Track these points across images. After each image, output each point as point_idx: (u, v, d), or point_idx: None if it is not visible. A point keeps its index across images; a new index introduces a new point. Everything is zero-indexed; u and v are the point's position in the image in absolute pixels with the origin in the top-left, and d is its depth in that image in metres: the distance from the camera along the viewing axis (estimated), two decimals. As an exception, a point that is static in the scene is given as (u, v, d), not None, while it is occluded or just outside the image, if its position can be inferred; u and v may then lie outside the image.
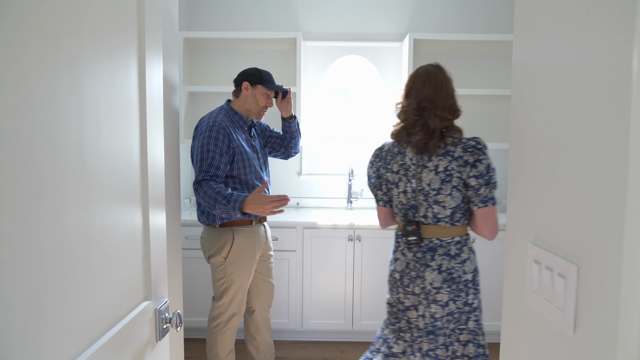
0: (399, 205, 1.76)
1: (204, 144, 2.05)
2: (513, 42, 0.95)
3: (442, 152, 1.64)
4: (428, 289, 1.68)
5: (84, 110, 0.76)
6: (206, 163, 2.02)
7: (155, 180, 1.09)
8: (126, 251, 0.95)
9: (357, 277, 2.90)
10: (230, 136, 2.09)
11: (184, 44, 3.10)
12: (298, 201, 3.40)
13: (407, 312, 1.74)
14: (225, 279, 2.17)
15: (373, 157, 1.83)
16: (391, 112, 3.35)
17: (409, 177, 1.70)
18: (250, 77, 2.18)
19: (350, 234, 2.87)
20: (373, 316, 2.92)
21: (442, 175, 1.64)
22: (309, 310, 2.92)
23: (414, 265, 1.71)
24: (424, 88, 1.69)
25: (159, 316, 1.11)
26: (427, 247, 1.69)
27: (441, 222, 1.68)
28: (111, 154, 0.87)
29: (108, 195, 0.85)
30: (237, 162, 2.12)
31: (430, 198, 1.67)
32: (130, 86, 0.95)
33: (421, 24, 3.29)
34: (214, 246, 2.16)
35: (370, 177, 1.84)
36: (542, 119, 0.83)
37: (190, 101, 3.27)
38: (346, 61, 3.42)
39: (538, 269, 0.82)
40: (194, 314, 2.93)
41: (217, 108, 2.23)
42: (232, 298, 2.18)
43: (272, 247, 2.43)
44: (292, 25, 3.30)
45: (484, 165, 1.60)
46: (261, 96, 2.20)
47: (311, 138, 3.43)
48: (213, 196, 1.96)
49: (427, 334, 1.72)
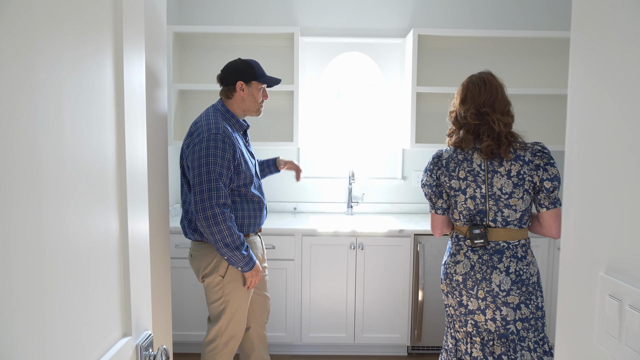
0: (464, 212, 1.76)
1: (209, 155, 1.80)
2: (571, 37, 0.78)
3: (513, 156, 1.68)
4: (496, 291, 1.71)
5: (39, 106, 0.62)
6: (214, 182, 1.80)
7: (136, 185, 0.93)
8: (97, 274, 0.78)
9: (359, 287, 2.73)
10: (235, 145, 1.88)
11: (173, 39, 2.91)
12: (295, 206, 3.23)
13: (472, 316, 1.76)
14: (223, 299, 1.95)
15: (431, 166, 1.81)
16: (393, 112, 3.19)
17: (479, 182, 1.72)
18: (243, 74, 1.96)
19: (352, 241, 2.69)
20: (376, 329, 2.74)
21: (514, 179, 1.68)
22: (308, 322, 2.74)
23: (480, 267, 1.73)
24: (480, 94, 1.72)
25: (141, 353, 0.93)
26: (493, 249, 1.72)
27: (510, 225, 1.72)
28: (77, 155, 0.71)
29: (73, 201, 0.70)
30: (239, 174, 1.91)
31: (501, 202, 1.71)
32: (103, 81, 0.81)
33: (426, 19, 3.13)
34: (209, 264, 1.94)
35: (431, 185, 1.81)
36: (618, 119, 0.66)
37: (181, 100, 3.08)
38: (346, 58, 3.25)
39: (618, 308, 0.65)
40: (185, 328, 2.74)
41: (211, 109, 1.99)
42: (231, 319, 1.97)
43: (266, 258, 2.25)
44: (289, 19, 3.12)
45: (556, 168, 1.68)
46: (258, 92, 2.00)
47: (309, 139, 3.26)
48: (234, 239, 1.83)
49: (499, 337, 1.73)
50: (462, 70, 3.11)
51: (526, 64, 3.13)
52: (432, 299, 2.72)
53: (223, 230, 1.81)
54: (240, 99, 1.99)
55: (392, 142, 3.25)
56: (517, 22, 3.12)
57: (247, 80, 1.96)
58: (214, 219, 1.80)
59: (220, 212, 1.80)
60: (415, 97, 2.93)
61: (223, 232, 1.81)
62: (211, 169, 1.80)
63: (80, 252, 0.72)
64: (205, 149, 1.82)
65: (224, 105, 2.01)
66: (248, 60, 2.00)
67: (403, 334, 2.75)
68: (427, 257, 2.70)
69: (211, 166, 1.80)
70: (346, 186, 3.24)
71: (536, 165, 1.67)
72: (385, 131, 3.27)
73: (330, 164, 3.27)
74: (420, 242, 2.69)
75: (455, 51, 3.11)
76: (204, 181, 1.80)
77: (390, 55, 3.20)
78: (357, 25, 3.14)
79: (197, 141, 1.85)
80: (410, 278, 2.71)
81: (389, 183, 3.25)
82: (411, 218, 3.04)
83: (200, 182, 1.80)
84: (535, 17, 3.12)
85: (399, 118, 3.20)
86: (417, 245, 2.69)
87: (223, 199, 1.82)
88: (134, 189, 0.92)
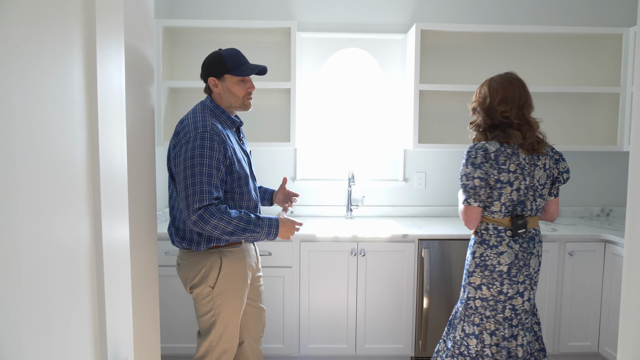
0: (507, 203, 1.88)
1: (195, 156, 1.66)
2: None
3: (545, 152, 1.92)
4: (532, 274, 1.93)
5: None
6: (205, 183, 1.65)
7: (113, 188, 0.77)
8: (58, 296, 0.61)
9: (360, 295, 2.58)
10: (226, 142, 1.74)
11: (163, 34, 2.75)
12: (292, 209, 3.07)
13: (511, 301, 1.91)
14: (213, 311, 1.80)
15: (481, 159, 1.85)
16: (394, 111, 3.06)
17: (525, 175, 1.87)
18: (212, 69, 1.79)
19: (353, 247, 2.54)
20: (379, 339, 2.60)
21: (547, 172, 1.92)
22: (307, 333, 2.59)
23: (522, 255, 1.90)
24: (521, 96, 1.87)
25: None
26: (528, 237, 1.92)
27: (538, 212, 1.95)
28: (32, 157, 0.57)
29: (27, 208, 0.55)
30: (232, 174, 1.77)
31: (537, 192, 1.91)
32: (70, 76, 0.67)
33: (429, 13, 2.99)
34: (197, 274, 1.79)
35: (481, 178, 1.85)
36: None
37: (171, 98, 2.92)
38: (345, 55, 3.11)
39: None
40: (174, 340, 2.58)
41: (199, 105, 1.85)
42: (222, 333, 1.82)
43: (261, 267, 2.08)
44: (285, 14, 2.98)
45: (566, 162, 1.98)
46: (235, 86, 1.81)
47: (306, 140, 3.11)
48: (235, 223, 1.68)
49: (529, 313, 1.97)
50: (468, 67, 2.99)
51: (534, 60, 3.01)
52: (438, 307, 2.58)
53: (218, 225, 1.66)
54: (218, 96, 1.84)
55: (393, 142, 3.12)
56: (525, 17, 3.00)
57: (219, 75, 1.80)
58: (202, 220, 1.65)
59: (205, 210, 1.64)
60: (418, 95, 2.79)
61: (218, 226, 1.66)
62: (197, 170, 1.65)
63: (37, 268, 0.56)
64: (192, 149, 1.67)
65: (213, 101, 1.85)
66: (223, 51, 1.81)
67: (407, 344, 2.60)
68: (432, 262, 2.56)
69: (197, 167, 1.65)
70: (345, 188, 3.09)
71: (556, 159, 1.95)
72: (386, 131, 3.13)
73: (329, 166, 3.12)
74: (425, 247, 2.54)
75: (459, 48, 2.98)
76: (190, 185, 1.65)
77: (391, 51, 3.06)
78: (356, 20, 3.00)
79: (184, 141, 1.71)
80: (414, 285, 2.57)
81: (390, 185, 3.11)
82: (414, 222, 2.90)
83: (186, 186, 1.66)
84: (544, 12, 3.00)
85: (400, 117, 3.06)
86: (422, 250, 2.54)
87: (207, 202, 1.65)
88: (110, 192, 0.77)
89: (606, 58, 3.01)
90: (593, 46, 3.00)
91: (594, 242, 2.58)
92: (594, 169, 3.13)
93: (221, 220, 1.66)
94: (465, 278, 1.97)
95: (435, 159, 3.09)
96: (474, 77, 2.98)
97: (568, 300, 2.60)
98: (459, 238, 2.56)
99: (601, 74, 3.02)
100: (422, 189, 3.11)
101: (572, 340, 2.62)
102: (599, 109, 3.05)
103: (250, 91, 1.85)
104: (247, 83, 1.84)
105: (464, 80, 2.98)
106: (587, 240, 2.58)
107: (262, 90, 2.92)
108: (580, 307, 2.61)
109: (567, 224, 2.86)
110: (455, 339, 1.98)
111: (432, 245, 2.55)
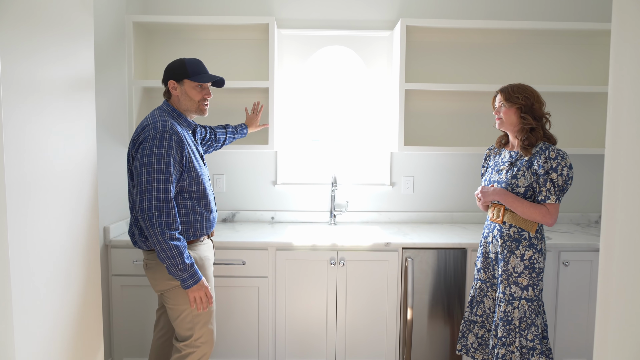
0: None
1: (153, 155, 1.72)
2: None
3: None
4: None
5: None
6: (162, 188, 1.71)
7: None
8: None
9: (340, 307, 2.43)
10: (184, 142, 1.81)
11: (135, 31, 2.61)
12: (273, 215, 2.93)
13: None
14: (188, 309, 1.85)
15: (570, 160, 1.96)
16: (380, 112, 2.91)
17: None
18: (173, 73, 1.89)
19: (332, 256, 2.39)
20: (360, 353, 2.45)
21: None
22: (284, 347, 2.44)
23: None
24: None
25: None
26: None
27: None
28: None
29: None
30: (190, 171, 1.84)
31: None
32: None
33: (415, 9, 2.84)
34: (166, 273, 1.83)
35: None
36: None
37: (145, 98, 2.78)
38: (328, 53, 2.96)
39: None
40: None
41: (156, 110, 1.91)
42: (203, 328, 1.88)
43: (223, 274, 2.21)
44: (265, 9, 2.83)
45: None
46: (193, 90, 1.90)
47: (287, 142, 2.96)
48: (170, 254, 1.71)
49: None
50: (455, 66, 2.84)
51: (524, 58, 2.85)
52: (422, 320, 2.42)
53: (160, 244, 1.71)
54: (176, 99, 1.92)
55: (379, 144, 2.97)
56: (515, 13, 2.84)
57: (179, 79, 1.89)
58: (160, 244, 1.71)
59: (169, 236, 1.71)
60: (404, 95, 2.64)
61: (161, 245, 1.71)
62: (154, 168, 1.71)
63: None
64: (149, 148, 1.73)
65: (170, 105, 1.94)
66: (187, 59, 1.92)
67: (390, 358, 2.45)
68: (416, 272, 2.40)
69: (154, 166, 1.71)
70: (329, 193, 2.94)
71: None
72: (373, 133, 2.98)
73: (311, 169, 2.97)
74: (409, 256, 2.39)
75: (448, 46, 2.83)
76: (154, 189, 1.71)
77: (377, 49, 2.91)
78: (340, 16, 2.85)
79: (143, 139, 1.77)
80: (398, 296, 2.42)
81: (376, 190, 2.96)
82: (400, 229, 2.75)
83: (149, 189, 1.71)
84: (536, 8, 2.84)
85: (386, 118, 2.91)
86: (406, 260, 2.39)
87: (166, 218, 1.72)
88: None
89: (599, 57, 2.84)
90: (587, 43, 2.84)
91: (590, 252, 2.42)
92: (592, 173, 2.96)
93: (166, 250, 1.70)
94: (531, 276, 1.96)
95: (423, 162, 2.94)
96: (463, 76, 2.83)
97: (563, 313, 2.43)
98: (445, 247, 2.40)
99: (596, 73, 2.86)
100: (410, 193, 2.96)
101: (566, 357, 2.46)
102: (593, 110, 2.89)
103: (207, 97, 1.95)
104: (205, 90, 1.93)
105: (451, 79, 2.83)
106: (583, 249, 2.42)
107: (239, 90, 2.78)
108: (575, 319, 2.45)
109: (562, 231, 2.69)
110: (537, 334, 1.95)
111: (417, 254, 2.40)
